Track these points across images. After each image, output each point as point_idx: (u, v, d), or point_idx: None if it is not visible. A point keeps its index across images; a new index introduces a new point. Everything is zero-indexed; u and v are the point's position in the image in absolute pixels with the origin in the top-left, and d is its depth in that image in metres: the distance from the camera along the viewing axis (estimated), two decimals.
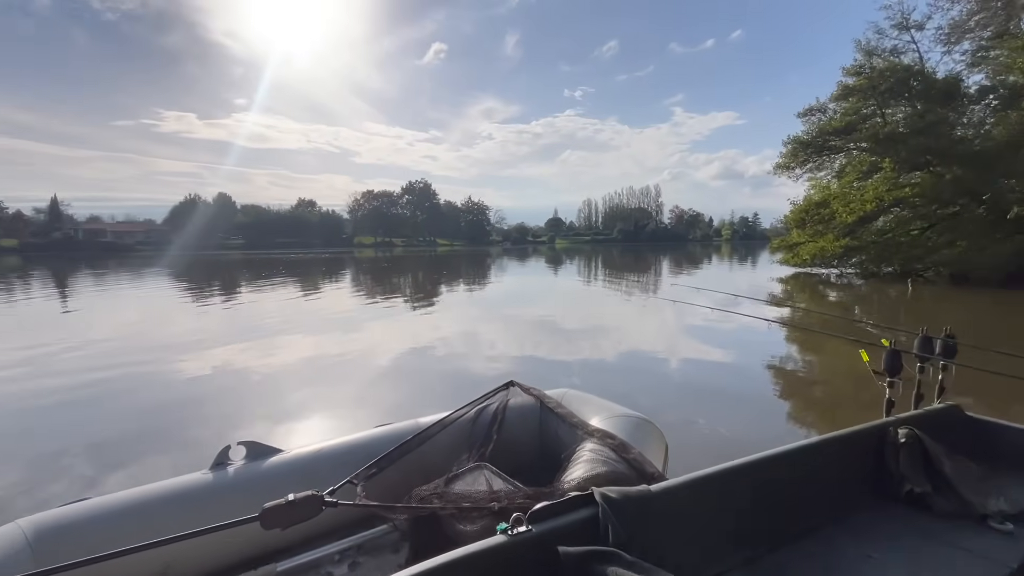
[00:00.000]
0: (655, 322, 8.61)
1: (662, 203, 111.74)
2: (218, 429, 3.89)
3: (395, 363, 6.06)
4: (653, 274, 22.29)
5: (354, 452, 1.79)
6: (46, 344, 7.21)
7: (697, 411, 4.05)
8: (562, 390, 2.23)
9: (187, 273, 23.86)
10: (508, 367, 5.74)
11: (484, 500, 1.42)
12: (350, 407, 4.41)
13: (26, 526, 1.28)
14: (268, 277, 20.65)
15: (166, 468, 3.19)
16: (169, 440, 3.70)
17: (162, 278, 21.32)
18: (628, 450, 1.65)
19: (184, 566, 1.40)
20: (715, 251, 52.17)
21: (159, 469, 3.15)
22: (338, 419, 4.14)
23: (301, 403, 4.52)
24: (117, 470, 3.16)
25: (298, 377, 5.50)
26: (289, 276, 20.99)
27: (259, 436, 3.73)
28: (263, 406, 4.44)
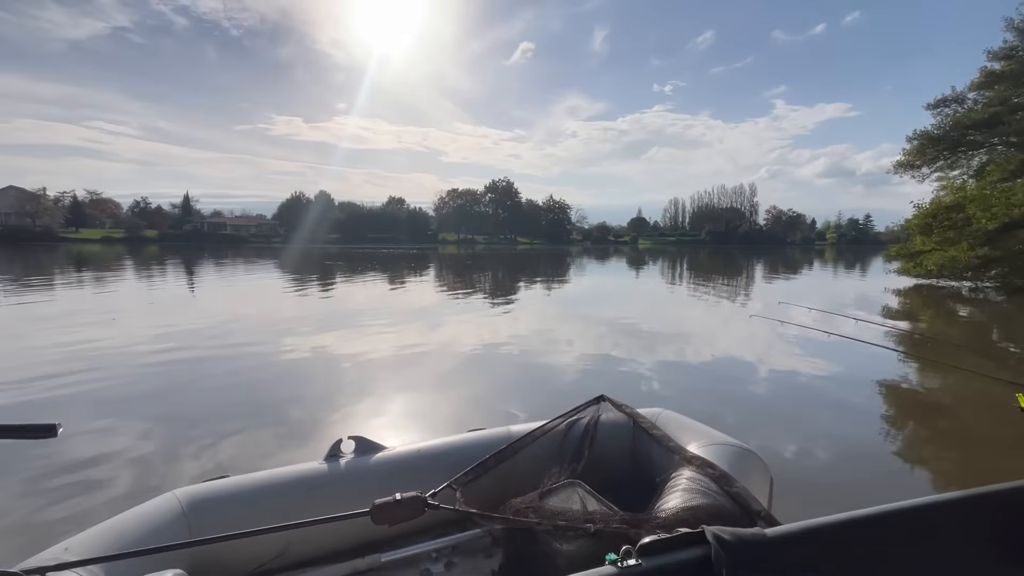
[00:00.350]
0: (747, 335, 7.85)
1: (757, 203, 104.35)
2: (310, 409, 4.23)
3: (473, 357, 6.19)
4: (745, 280, 20.89)
5: (450, 455, 1.86)
6: (176, 324, 8.25)
7: (800, 443, 3.60)
8: (656, 410, 2.14)
9: (291, 264, 26.14)
10: (585, 369, 5.64)
11: (579, 520, 1.41)
12: (431, 396, 4.56)
13: (181, 496, 1.46)
14: (363, 271, 22.05)
15: (265, 440, 3.51)
16: (269, 415, 4.05)
17: (270, 268, 23.57)
18: (731, 483, 1.54)
19: (302, 547, 1.54)
20: (817, 256, 47.78)
21: (260, 441, 3.48)
22: (419, 408, 4.30)
23: (385, 390, 4.75)
24: (222, 438, 3.52)
25: (383, 365, 5.80)
26: (382, 270, 22.28)
27: (345, 419, 4.03)
28: (351, 389, 4.74)
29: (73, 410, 4.17)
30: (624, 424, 2.05)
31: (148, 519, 1.35)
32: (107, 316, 9.10)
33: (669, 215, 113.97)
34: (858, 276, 23.93)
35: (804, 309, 7.87)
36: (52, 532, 2.44)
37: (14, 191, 61.51)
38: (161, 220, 70.69)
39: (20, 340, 6.93)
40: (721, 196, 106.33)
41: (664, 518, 1.41)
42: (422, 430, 3.88)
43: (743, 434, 1.97)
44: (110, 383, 4.95)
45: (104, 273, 18.96)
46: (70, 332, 7.35)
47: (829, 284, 19.35)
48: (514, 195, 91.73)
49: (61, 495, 2.73)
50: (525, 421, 2.24)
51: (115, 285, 15.15)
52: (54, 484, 2.84)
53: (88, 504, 2.65)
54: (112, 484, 2.89)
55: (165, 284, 15.97)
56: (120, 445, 3.43)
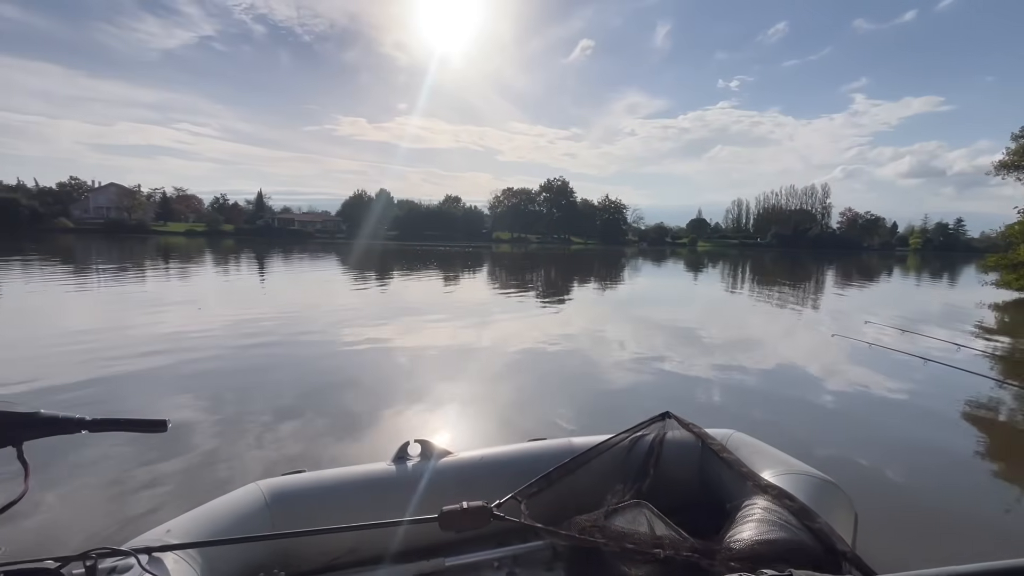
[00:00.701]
0: (825, 353, 7.11)
1: (830, 205, 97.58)
2: (366, 399, 4.41)
3: (525, 358, 6.20)
4: (815, 287, 19.64)
5: (512, 464, 1.86)
6: (247, 311, 8.83)
7: (887, 480, 3.24)
8: (726, 431, 2.05)
9: (354, 259, 27.27)
10: (642, 378, 5.49)
11: (647, 543, 1.37)
12: (483, 395, 4.60)
13: (264, 488, 1.55)
14: (421, 268, 22.64)
15: (320, 427, 3.67)
16: (326, 402, 4.25)
17: (333, 262, 24.72)
18: (812, 518, 1.45)
19: (370, 545, 1.59)
20: (898, 263, 44.15)
21: (315, 428, 3.64)
22: (473, 407, 4.35)
23: (439, 386, 4.84)
24: (285, 421, 3.73)
25: (437, 360, 5.94)
26: (440, 267, 22.80)
27: (402, 414, 4.14)
28: (408, 384, 4.88)
29: (152, 389, 4.55)
30: (691, 444, 1.98)
31: (237, 508, 1.44)
32: (191, 304, 9.87)
33: (731, 216, 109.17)
34: (946, 287, 21.91)
35: (895, 331, 7.17)
36: (127, 512, 2.67)
37: (114, 188, 68.07)
38: (237, 215, 75.91)
39: (116, 323, 7.64)
40: (790, 197, 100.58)
41: (738, 550, 1.35)
42: (475, 431, 3.93)
43: (822, 464, 1.84)
44: (188, 367, 5.35)
45: (188, 264, 20.59)
46: (159, 317, 8.03)
47: (911, 295, 17.83)
48: (569, 194, 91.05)
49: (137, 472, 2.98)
50: (584, 433, 2.20)
51: (198, 276, 16.41)
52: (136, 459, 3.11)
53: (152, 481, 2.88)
54: (189, 463, 3.12)
55: (240, 276, 17.14)
56: (196, 425, 3.71)
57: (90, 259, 21.35)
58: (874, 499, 2.86)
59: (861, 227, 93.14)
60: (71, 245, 31.26)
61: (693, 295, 16.04)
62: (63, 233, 49.81)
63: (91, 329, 7.19)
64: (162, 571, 1.10)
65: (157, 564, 1.11)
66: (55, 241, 35.28)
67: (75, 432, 0.95)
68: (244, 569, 1.38)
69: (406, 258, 29.47)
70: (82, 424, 0.96)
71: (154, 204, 71.60)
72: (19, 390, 4.44)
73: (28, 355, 5.66)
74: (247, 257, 26.56)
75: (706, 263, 36.20)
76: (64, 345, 6.17)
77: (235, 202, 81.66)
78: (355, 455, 3.29)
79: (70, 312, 8.84)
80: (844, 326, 8.89)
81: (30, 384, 4.61)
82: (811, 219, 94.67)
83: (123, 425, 1.01)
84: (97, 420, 0.98)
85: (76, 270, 16.33)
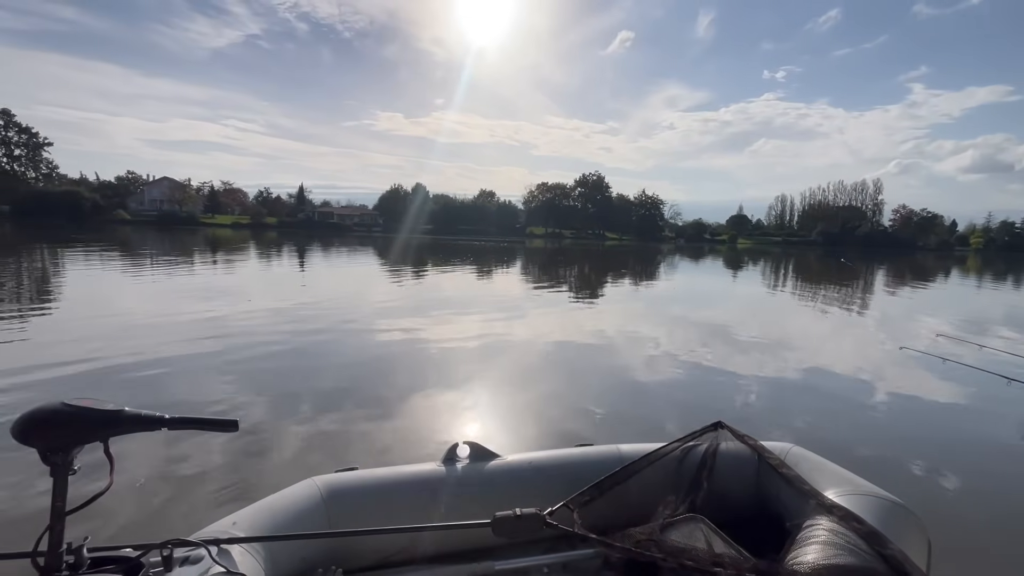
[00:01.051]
0: (884, 359, 6.67)
1: (882, 201, 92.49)
2: (406, 392, 4.49)
3: (561, 354, 6.18)
4: (864, 288, 18.73)
5: (560, 470, 1.85)
6: (289, 301, 9.12)
7: (961, 505, 3.01)
8: (784, 445, 1.96)
9: (390, 252, 27.78)
10: (683, 379, 5.39)
11: (706, 561, 1.32)
12: (519, 391, 4.61)
13: (320, 485, 1.59)
14: (456, 262, 22.85)
15: (362, 418, 3.76)
16: (363, 392, 4.37)
17: (371, 255, 25.25)
18: (884, 543, 1.37)
19: (422, 546, 1.61)
20: (956, 264, 41.60)
21: (358, 419, 3.73)
22: (508, 403, 4.37)
23: (475, 380, 4.89)
24: (329, 413, 3.83)
25: (474, 355, 5.99)
26: (474, 262, 22.96)
27: (439, 408, 4.18)
28: (444, 377, 4.95)
29: (201, 377, 4.76)
30: (746, 457, 1.91)
31: (296, 504, 1.49)
32: (240, 295, 10.28)
33: (774, 213, 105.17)
34: (1011, 289, 20.49)
35: (973, 346, 6.61)
36: (187, 502, 2.79)
37: (167, 182, 71.55)
38: (279, 208, 78.58)
39: (167, 311, 8.03)
40: (838, 193, 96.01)
41: (803, 573, 1.29)
42: (512, 428, 3.93)
43: (889, 487, 1.73)
44: (236, 355, 5.57)
45: (235, 255, 21.45)
46: (210, 305, 8.40)
47: (971, 298, 16.78)
48: (604, 189, 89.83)
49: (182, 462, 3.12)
50: (630, 439, 2.16)
51: (246, 267, 17.08)
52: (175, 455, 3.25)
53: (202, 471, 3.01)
54: (239, 451, 3.25)
55: (284, 268, 17.74)
56: (241, 411, 3.86)
57: (146, 249, 22.55)
58: (947, 527, 2.66)
59: (916, 225, 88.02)
60: (128, 236, 33.10)
61: (735, 295, 15.58)
62: (121, 224, 52.75)
63: (148, 314, 7.58)
64: (230, 562, 1.14)
65: (225, 555, 1.15)
66: (114, 232, 37.42)
67: (156, 429, 0.99)
68: (303, 564, 1.41)
69: (441, 252, 29.81)
70: (162, 422, 1.00)
71: (203, 197, 74.85)
72: (86, 368, 4.73)
73: (87, 336, 6.02)
74: (290, 249, 27.46)
75: (746, 261, 35.09)
76: (119, 328, 6.54)
77: (278, 195, 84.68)
78: (396, 448, 3.36)
79: (128, 298, 9.35)
80: (910, 335, 8.39)
81: (90, 364, 4.91)
82: (860, 216, 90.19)
83: (198, 424, 1.05)
84: (176, 419, 1.02)
85: (134, 260, 17.28)
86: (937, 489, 3.25)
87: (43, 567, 0.91)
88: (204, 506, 2.63)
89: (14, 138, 63.53)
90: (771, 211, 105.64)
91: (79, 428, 0.92)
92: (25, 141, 64.25)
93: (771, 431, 3.49)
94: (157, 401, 4.05)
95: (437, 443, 3.44)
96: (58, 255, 17.35)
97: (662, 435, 3.85)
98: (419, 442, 3.53)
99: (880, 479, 1.75)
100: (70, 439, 0.91)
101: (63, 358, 5.16)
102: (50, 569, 0.91)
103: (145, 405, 1.02)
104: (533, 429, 3.92)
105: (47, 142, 65.69)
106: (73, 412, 0.91)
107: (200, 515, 2.48)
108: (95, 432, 0.93)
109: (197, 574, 1.06)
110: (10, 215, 52.95)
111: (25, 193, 57.58)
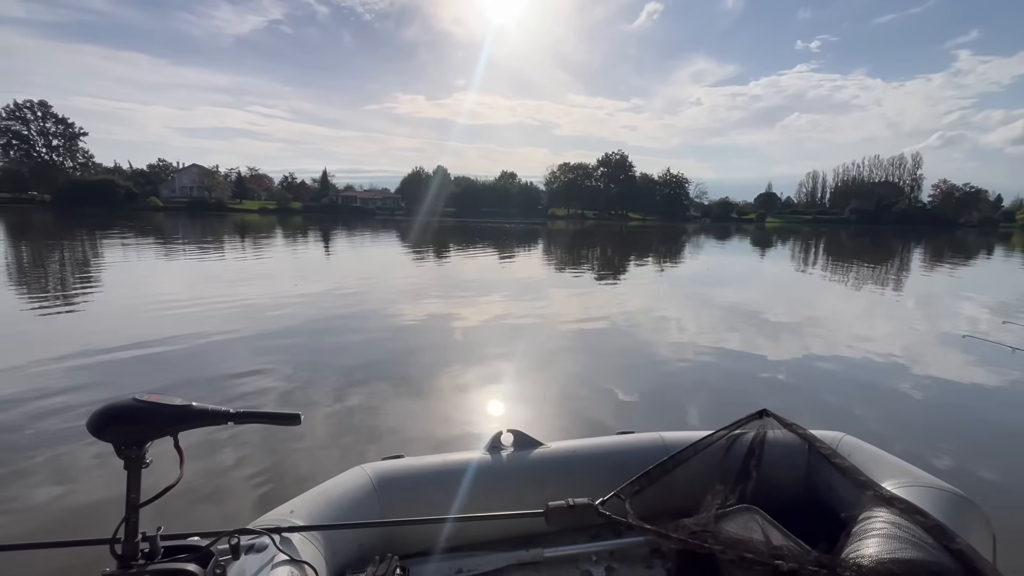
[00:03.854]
0: (943, 346, 6.25)
1: (921, 176, 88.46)
2: (435, 376, 4.55)
3: (585, 337, 6.18)
4: (899, 265, 18.03)
5: (605, 458, 1.84)
6: (317, 283, 9.29)
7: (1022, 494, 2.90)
8: (835, 434, 1.90)
9: (413, 235, 27.95)
10: (709, 360, 5.31)
11: (765, 553, 1.30)
12: (552, 374, 4.61)
13: (371, 472, 1.62)
14: (479, 244, 22.86)
15: (398, 402, 3.82)
16: (399, 377, 4.45)
17: (394, 239, 25.46)
18: (951, 537, 1.32)
19: (472, 533, 1.63)
20: (1000, 241, 39.64)
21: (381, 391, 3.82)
22: (537, 389, 4.36)
23: (502, 365, 4.91)
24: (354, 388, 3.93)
25: (498, 339, 6.02)
26: (496, 244, 22.93)
27: (475, 392, 4.21)
28: (471, 359, 5.02)
29: (232, 355, 4.90)
30: (795, 446, 1.86)
31: (349, 491, 1.52)
32: (273, 277, 10.51)
33: (805, 190, 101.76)
34: None
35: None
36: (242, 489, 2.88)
37: (196, 168, 73.17)
38: (304, 193, 79.70)
39: (201, 294, 8.26)
40: (874, 168, 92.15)
41: (867, 567, 1.25)
42: (550, 416, 3.92)
43: (947, 479, 1.66)
44: (266, 342, 5.71)
45: (262, 240, 21.90)
46: (255, 290, 8.62)
47: (1008, 276, 16.00)
48: (627, 169, 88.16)
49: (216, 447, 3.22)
50: (671, 427, 2.14)
51: (279, 251, 17.43)
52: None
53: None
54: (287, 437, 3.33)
55: (311, 252, 18.08)
56: (278, 395, 3.96)
57: (179, 237, 23.18)
58: (1013, 522, 2.55)
59: (957, 201, 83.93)
60: (162, 222, 34.09)
61: (765, 275, 15.19)
62: (154, 211, 54.38)
63: (191, 299, 7.82)
64: (292, 550, 1.17)
65: (287, 543, 1.18)
66: (149, 218, 38.58)
67: (222, 424, 1.01)
68: (360, 551, 1.45)
69: (463, 234, 29.85)
70: (228, 416, 1.02)
71: (231, 183, 76.38)
72: (144, 353, 4.92)
73: (128, 319, 6.24)
74: (313, 233, 27.91)
75: (774, 241, 34.15)
76: (163, 313, 6.77)
77: (302, 180, 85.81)
78: (436, 435, 3.41)
79: (169, 282, 9.66)
80: (967, 320, 8.00)
81: (146, 350, 5.10)
82: (897, 192, 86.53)
83: (262, 418, 1.06)
84: (240, 412, 1.03)
85: (171, 246, 17.81)
86: (1002, 483, 3.12)
87: (120, 555, 0.94)
88: (257, 493, 2.70)
89: (52, 129, 65.85)
90: (801, 188, 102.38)
91: (150, 423, 0.94)
92: (62, 132, 66.53)
93: (818, 419, 3.40)
94: (212, 388, 4.18)
95: (476, 429, 3.49)
96: (100, 242, 18.01)
97: (702, 421, 3.82)
98: (458, 428, 3.56)
99: (939, 472, 1.68)
100: (143, 434, 0.94)
101: (122, 342, 5.38)
102: (127, 558, 0.94)
103: (200, 389, 1.04)
104: (569, 415, 3.92)
105: (83, 132, 67.95)
106: (144, 408, 0.93)
107: (255, 502, 2.58)
108: (165, 427, 0.96)
109: (263, 562, 1.09)
110: (51, 204, 55.11)
111: (64, 182, 59.79)
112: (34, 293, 8.35)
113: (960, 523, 1.44)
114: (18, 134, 63.81)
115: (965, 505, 1.53)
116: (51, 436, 3.25)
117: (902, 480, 1.59)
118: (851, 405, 4.30)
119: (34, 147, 64.86)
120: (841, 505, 1.65)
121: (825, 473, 1.74)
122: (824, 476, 1.75)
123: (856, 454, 1.75)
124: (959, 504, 1.52)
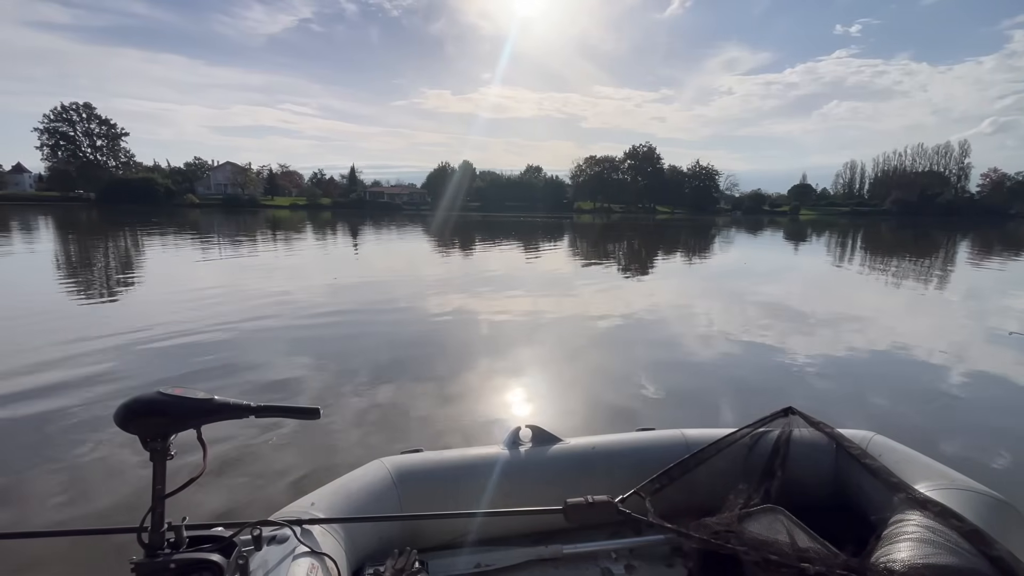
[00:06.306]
0: (986, 346, 5.93)
1: (969, 165, 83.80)
2: (455, 370, 4.58)
3: (608, 332, 6.13)
4: (945, 260, 17.18)
5: (625, 455, 1.82)
6: (346, 278, 9.46)
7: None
8: (865, 433, 1.83)
9: (440, 230, 28.17)
10: (734, 356, 5.19)
11: (790, 555, 1.26)
12: (573, 369, 4.59)
13: (390, 466, 1.64)
14: (504, 239, 22.87)
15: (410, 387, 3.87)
16: (418, 371, 4.49)
17: (419, 233, 25.72)
18: (990, 543, 1.25)
19: (490, 529, 1.64)
20: None
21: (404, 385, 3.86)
22: (558, 384, 4.35)
23: (523, 359, 4.91)
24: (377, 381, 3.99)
25: (520, 333, 6.03)
26: (523, 238, 22.90)
27: (493, 386, 4.22)
28: (493, 352, 5.04)
29: (260, 345, 5.04)
30: (822, 445, 1.80)
31: (368, 485, 1.54)
32: (304, 271, 10.77)
33: (843, 181, 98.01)
34: None
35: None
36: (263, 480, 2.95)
37: (230, 166, 75.39)
38: (333, 189, 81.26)
39: (238, 288, 8.53)
40: (917, 157, 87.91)
41: (899, 571, 1.21)
42: (571, 412, 3.90)
43: (987, 483, 1.57)
44: (292, 335, 5.84)
45: (293, 235, 22.44)
46: (292, 283, 8.87)
47: None
48: (655, 161, 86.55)
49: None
50: (692, 424, 2.09)
51: (312, 246, 17.85)
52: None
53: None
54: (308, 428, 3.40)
55: (336, 244, 18.40)
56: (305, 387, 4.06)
57: (214, 232, 23.96)
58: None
59: (1009, 190, 79.29)
60: (199, 218, 35.31)
61: (797, 269, 14.73)
62: (191, 208, 56.36)
63: (227, 292, 8.09)
64: (313, 542, 1.20)
65: (308, 535, 1.21)
66: (185, 215, 40.01)
67: (244, 417, 1.04)
68: (380, 544, 1.47)
69: (488, 229, 29.91)
70: (249, 410, 1.04)
71: (263, 180, 78.48)
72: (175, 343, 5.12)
73: (164, 310, 6.49)
74: (342, 228, 28.44)
75: (808, 233, 33.06)
76: (202, 305, 7.02)
77: (331, 177, 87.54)
78: (455, 429, 3.43)
79: (207, 276, 10.00)
80: (1002, 313, 7.63)
81: (170, 340, 5.30)
82: (943, 182, 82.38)
83: (283, 412, 1.09)
84: (262, 407, 1.06)
85: (208, 241, 18.44)
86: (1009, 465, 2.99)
87: (147, 544, 0.98)
88: (279, 484, 2.75)
89: (96, 130, 68.75)
90: (838, 179, 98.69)
91: (175, 416, 0.97)
92: (105, 132, 69.38)
93: (848, 418, 3.28)
94: (240, 379, 4.32)
95: (496, 424, 3.49)
96: (144, 238, 18.80)
97: (725, 418, 3.73)
98: (478, 422, 3.57)
99: (978, 475, 1.60)
100: (167, 427, 0.97)
101: (158, 332, 5.61)
102: (154, 547, 0.98)
103: (224, 380, 1.07)
104: (589, 410, 3.89)
105: (124, 132, 70.73)
106: (168, 401, 0.96)
107: (275, 493, 2.63)
108: (188, 420, 0.99)
109: (284, 553, 1.11)
110: (96, 202, 57.72)
111: (108, 181, 62.47)
112: (79, 286, 8.77)
113: (1000, 528, 1.37)
114: (65, 135, 66.87)
115: (1005, 509, 1.46)
116: (83, 425, 3.37)
117: (937, 482, 1.52)
118: (884, 404, 4.13)
119: (80, 147, 67.87)
120: (871, 507, 1.59)
121: (854, 474, 1.68)
122: (853, 477, 1.68)
123: (887, 454, 1.68)
124: (998, 508, 1.45)
